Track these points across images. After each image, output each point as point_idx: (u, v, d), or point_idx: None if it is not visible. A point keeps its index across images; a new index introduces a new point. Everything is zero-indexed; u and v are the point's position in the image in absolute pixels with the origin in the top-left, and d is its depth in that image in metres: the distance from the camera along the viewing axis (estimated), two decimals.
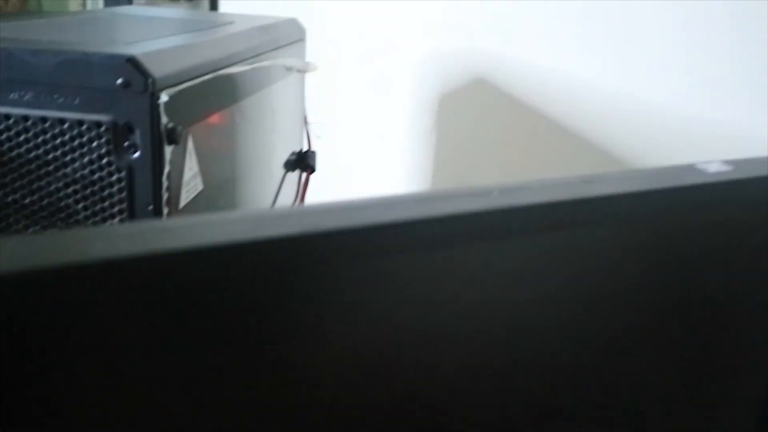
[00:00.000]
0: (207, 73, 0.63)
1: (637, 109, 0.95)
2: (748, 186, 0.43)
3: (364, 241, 0.33)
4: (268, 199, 0.94)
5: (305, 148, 1.04)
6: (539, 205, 0.35)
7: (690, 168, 0.45)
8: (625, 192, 0.38)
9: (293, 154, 1.01)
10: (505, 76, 1.10)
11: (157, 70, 0.54)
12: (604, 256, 0.39)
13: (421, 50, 1.16)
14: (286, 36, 0.93)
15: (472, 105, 1.16)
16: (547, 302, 0.38)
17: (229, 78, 0.70)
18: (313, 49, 1.04)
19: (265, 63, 0.79)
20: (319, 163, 1.05)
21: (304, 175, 1.02)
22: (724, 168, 0.44)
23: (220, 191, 0.74)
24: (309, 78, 1.05)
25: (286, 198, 1.00)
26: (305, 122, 1.04)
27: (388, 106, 1.22)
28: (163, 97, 0.53)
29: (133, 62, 0.53)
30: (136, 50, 0.55)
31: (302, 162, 1.01)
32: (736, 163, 0.45)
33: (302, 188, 1.03)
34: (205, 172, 0.66)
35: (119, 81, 0.53)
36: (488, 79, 1.12)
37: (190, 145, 0.60)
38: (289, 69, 0.91)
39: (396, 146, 1.23)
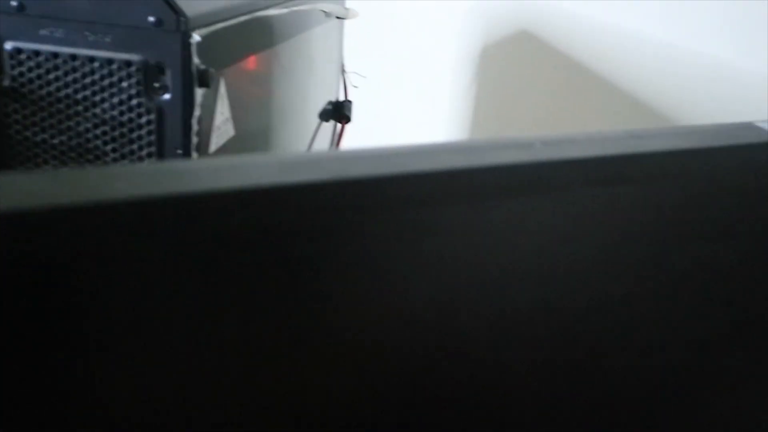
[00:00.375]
0: (242, 15, 0.61)
1: (690, 62, 0.91)
2: None
3: (399, 191, 0.32)
4: (302, 148, 0.92)
5: (342, 98, 1.02)
6: (583, 159, 0.33)
7: (748, 126, 0.42)
8: (676, 149, 0.35)
9: (329, 103, 0.99)
10: (551, 27, 1.06)
11: (190, 8, 0.52)
12: (652, 215, 0.36)
13: (464, 1, 1.13)
14: None
15: (515, 58, 1.12)
16: (589, 259, 0.36)
17: (265, 21, 0.68)
18: None
19: (302, 6, 0.76)
20: (356, 113, 1.03)
21: (340, 125, 1.00)
22: None
23: (252, 138, 0.72)
24: (348, 26, 1.02)
25: (321, 148, 0.99)
26: (343, 71, 1.02)
27: (429, 58, 1.19)
28: (195, 37, 0.51)
29: None
30: None
31: (338, 112, 0.99)
32: None
33: (337, 139, 1.01)
34: (237, 117, 0.65)
35: (151, 19, 0.51)
36: (532, 30, 1.08)
37: (222, 88, 0.59)
38: (328, 14, 0.89)
39: (435, 99, 1.20)
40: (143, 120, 0.53)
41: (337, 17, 0.93)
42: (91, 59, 0.52)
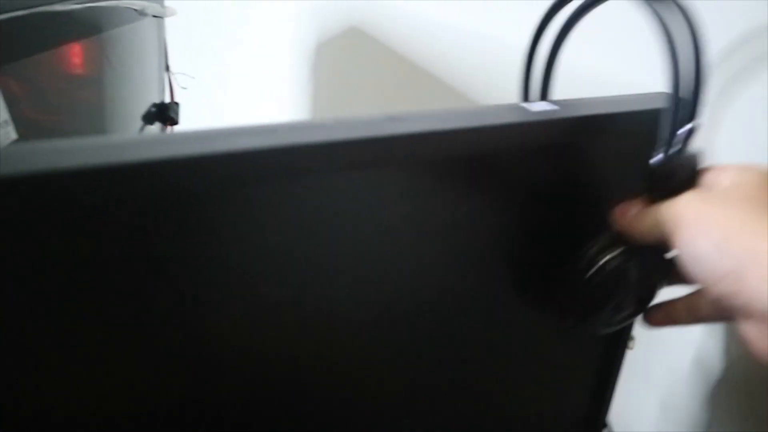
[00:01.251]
0: (17, 10, 0.57)
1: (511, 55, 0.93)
2: (566, 125, 0.41)
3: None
4: None
5: (167, 100, 0.98)
6: (324, 143, 0.32)
7: (515, 107, 0.43)
8: (423, 131, 0.35)
9: (153, 105, 0.95)
10: (380, 24, 1.06)
11: None
12: (401, 198, 0.36)
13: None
14: None
15: (349, 54, 1.12)
16: (345, 244, 0.35)
17: (52, 17, 0.63)
18: None
19: (102, 3, 0.72)
20: (187, 116, 0.99)
21: (167, 128, 0.96)
22: (549, 107, 0.42)
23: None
24: (172, 25, 0.98)
25: None
26: (167, 71, 0.98)
27: (263, 57, 1.17)
28: None
29: None
30: None
31: (163, 114, 0.95)
32: (564, 104, 0.43)
33: None
34: (26, 120, 0.60)
35: None
36: (363, 27, 1.08)
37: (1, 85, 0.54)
38: (141, 12, 0.85)
39: (271, 98, 1.18)
40: None
41: (154, 15, 0.89)
42: None
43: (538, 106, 0.43)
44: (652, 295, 0.48)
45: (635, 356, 0.56)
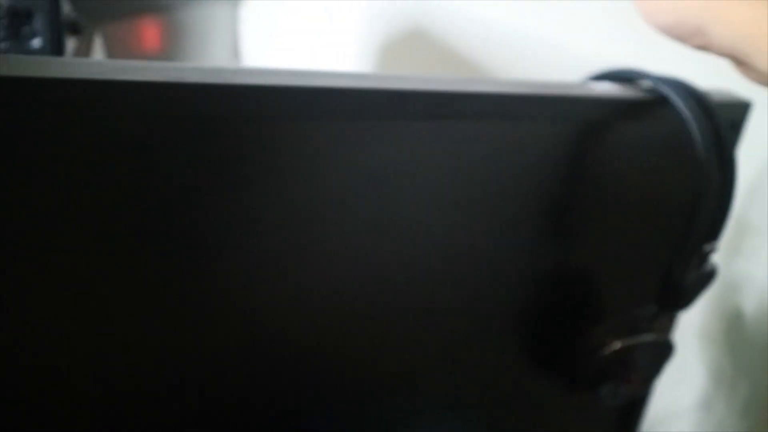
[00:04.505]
0: None
1: (579, 62, 0.96)
2: (630, 106, 0.43)
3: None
4: None
5: None
6: (413, 92, 0.35)
7: (581, 85, 0.45)
8: (507, 92, 0.38)
9: None
10: (446, 27, 1.10)
11: None
12: (481, 153, 0.39)
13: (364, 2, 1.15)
14: None
15: (413, 58, 1.16)
16: (417, 192, 0.38)
17: None
18: None
19: None
20: None
21: None
22: (613, 89, 0.45)
23: None
24: (247, 14, 1.03)
25: None
26: (236, 56, 1.02)
27: (329, 53, 1.21)
28: None
29: None
30: None
31: None
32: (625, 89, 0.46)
33: None
34: None
35: None
36: (426, 29, 1.11)
37: (99, 42, 0.59)
38: None
39: None
40: None
41: None
42: None
43: (602, 87, 0.46)
44: (657, 374, 0.51)
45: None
